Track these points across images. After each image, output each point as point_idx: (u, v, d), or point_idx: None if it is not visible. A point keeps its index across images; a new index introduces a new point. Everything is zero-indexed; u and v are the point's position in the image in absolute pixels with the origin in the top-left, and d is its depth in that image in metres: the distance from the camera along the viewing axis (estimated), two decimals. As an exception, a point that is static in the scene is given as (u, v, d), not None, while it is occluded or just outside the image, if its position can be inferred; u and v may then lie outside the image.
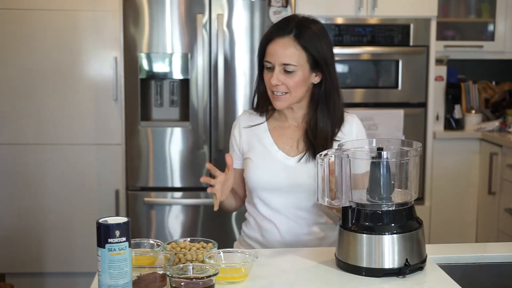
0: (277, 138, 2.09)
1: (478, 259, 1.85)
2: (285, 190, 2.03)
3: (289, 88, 1.98)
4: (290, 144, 2.07)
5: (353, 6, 3.89)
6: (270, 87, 2.01)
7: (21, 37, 3.71)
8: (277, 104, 2.02)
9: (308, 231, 2.06)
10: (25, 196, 3.79)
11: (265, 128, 2.11)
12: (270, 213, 2.07)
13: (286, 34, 1.99)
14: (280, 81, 1.98)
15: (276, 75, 1.98)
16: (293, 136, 2.08)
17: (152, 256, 1.68)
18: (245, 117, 2.15)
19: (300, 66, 1.98)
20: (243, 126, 2.13)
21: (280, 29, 2.01)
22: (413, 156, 1.71)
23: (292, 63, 1.97)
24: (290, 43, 1.98)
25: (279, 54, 1.97)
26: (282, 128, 2.10)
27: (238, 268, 1.62)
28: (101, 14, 3.71)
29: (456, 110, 4.33)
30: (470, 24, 4.61)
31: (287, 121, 2.10)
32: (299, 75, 1.98)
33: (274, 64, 1.98)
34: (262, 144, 2.08)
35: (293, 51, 1.98)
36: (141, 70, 3.65)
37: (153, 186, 3.71)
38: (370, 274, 1.66)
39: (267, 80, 2.01)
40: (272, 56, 1.99)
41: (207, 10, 3.61)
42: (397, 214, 1.68)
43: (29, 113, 3.75)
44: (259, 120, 2.12)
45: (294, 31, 1.99)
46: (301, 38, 1.99)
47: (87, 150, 3.79)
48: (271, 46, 1.99)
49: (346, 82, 4.00)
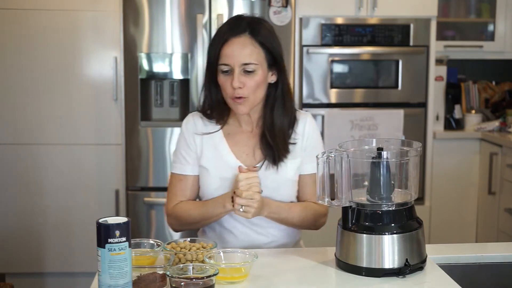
0: (233, 146, 2.00)
1: (478, 259, 1.85)
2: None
3: (247, 92, 1.90)
4: (246, 152, 2.00)
5: (353, 6, 3.89)
6: (231, 93, 1.90)
7: (21, 37, 3.71)
8: (240, 109, 1.92)
9: (268, 239, 2.02)
10: (25, 196, 3.79)
11: (220, 135, 2.01)
12: (230, 223, 2.00)
13: (241, 33, 1.91)
14: (242, 83, 1.89)
15: (237, 78, 1.88)
16: (248, 143, 2.01)
17: (152, 256, 1.68)
18: (198, 122, 2.03)
19: (260, 64, 1.91)
20: (199, 132, 2.02)
21: (233, 29, 1.91)
22: (413, 156, 1.71)
23: (252, 61, 1.89)
24: (247, 41, 1.91)
25: (237, 54, 1.88)
26: (236, 134, 2.01)
27: (238, 268, 1.62)
28: (101, 14, 3.71)
29: (456, 110, 4.33)
30: (470, 24, 4.61)
31: (240, 127, 2.02)
32: (259, 75, 1.91)
33: (233, 66, 1.89)
34: (218, 152, 1.99)
35: (252, 49, 1.90)
36: (141, 70, 3.65)
37: (153, 186, 3.71)
38: (370, 274, 1.66)
39: (227, 85, 1.91)
40: (229, 58, 1.89)
41: (207, 10, 3.61)
42: (397, 214, 1.68)
43: (29, 113, 3.75)
44: (213, 126, 2.01)
45: (248, 29, 1.92)
46: (257, 35, 1.92)
47: (87, 150, 3.79)
48: (227, 48, 1.89)
49: (346, 82, 4.00)
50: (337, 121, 3.89)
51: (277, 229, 2.03)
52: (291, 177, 2.00)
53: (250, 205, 1.82)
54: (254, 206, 1.83)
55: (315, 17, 3.90)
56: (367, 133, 3.90)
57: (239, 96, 1.90)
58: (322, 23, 3.91)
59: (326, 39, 3.92)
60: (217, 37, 1.94)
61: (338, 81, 3.97)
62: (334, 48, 3.93)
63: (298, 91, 3.87)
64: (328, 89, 3.94)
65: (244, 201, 1.81)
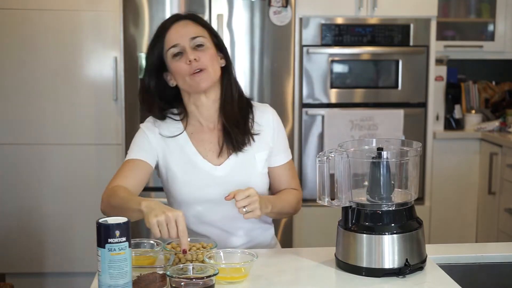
0: (198, 145, 1.98)
1: (478, 259, 1.85)
2: (216, 202, 1.92)
3: (206, 64, 1.89)
4: (211, 149, 1.98)
5: (353, 6, 3.89)
6: (188, 69, 1.88)
7: (22, 37, 3.71)
8: (202, 83, 1.89)
9: (244, 240, 2.00)
10: (25, 196, 3.79)
11: (184, 136, 1.98)
12: (203, 227, 1.97)
13: (181, 19, 1.95)
14: (197, 56, 1.87)
15: (190, 51, 1.88)
16: (213, 140, 1.98)
17: (152, 256, 1.68)
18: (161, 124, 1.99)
19: (207, 39, 1.93)
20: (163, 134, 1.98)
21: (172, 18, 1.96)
22: (413, 156, 1.71)
23: (199, 35, 1.91)
24: (189, 22, 1.94)
25: (184, 32, 1.90)
26: (199, 133, 1.99)
27: (238, 268, 1.62)
28: (101, 14, 3.71)
29: (456, 110, 4.33)
30: (470, 24, 4.61)
31: (201, 125, 1.99)
32: (210, 48, 1.92)
33: (183, 44, 1.89)
34: (186, 154, 1.97)
35: (195, 26, 1.93)
36: (141, 70, 3.65)
37: (153, 186, 3.70)
38: (370, 274, 1.66)
39: (181, 65, 1.89)
40: (177, 38, 1.90)
41: (207, 10, 3.61)
42: (397, 214, 1.68)
43: (29, 113, 3.76)
44: (176, 128, 1.99)
45: (187, 17, 1.96)
46: (198, 19, 1.96)
47: (87, 150, 3.79)
48: (172, 31, 1.91)
49: (346, 82, 4.00)
50: (337, 121, 3.89)
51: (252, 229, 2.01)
52: (260, 170, 1.99)
53: (251, 203, 1.79)
54: (256, 200, 1.78)
55: (315, 17, 3.90)
56: (367, 133, 3.90)
57: (197, 68, 1.89)
58: (322, 23, 3.91)
59: (326, 39, 3.92)
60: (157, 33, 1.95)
61: (338, 81, 3.97)
62: (334, 48, 3.93)
63: (298, 91, 3.87)
64: (328, 89, 3.94)
65: (244, 202, 1.77)
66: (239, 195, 1.76)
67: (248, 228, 2.00)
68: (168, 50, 1.91)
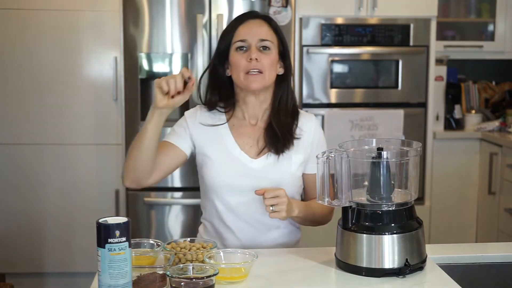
0: (237, 137, 2.03)
1: (478, 259, 1.85)
2: (247, 193, 1.95)
3: (264, 67, 1.95)
4: (249, 143, 2.02)
5: (353, 6, 3.89)
6: (245, 66, 1.95)
7: (21, 37, 3.71)
8: (253, 84, 1.95)
9: (270, 237, 2.02)
10: (25, 196, 3.79)
11: (226, 127, 2.04)
12: (231, 218, 2.00)
13: (258, 17, 2.02)
14: (259, 56, 1.94)
15: (254, 50, 1.95)
16: (252, 135, 2.03)
17: (152, 256, 1.68)
18: (204, 114, 2.06)
19: (274, 45, 1.99)
20: (203, 123, 2.04)
21: (248, 15, 2.03)
22: (413, 156, 1.71)
23: (268, 39, 1.97)
24: (264, 23, 2.01)
25: (255, 31, 1.98)
26: (240, 126, 2.04)
27: (238, 268, 1.62)
28: (101, 14, 3.71)
29: (456, 110, 4.33)
30: (470, 24, 4.61)
31: (245, 120, 2.05)
32: (274, 54, 1.98)
33: (251, 42, 1.96)
34: (224, 144, 2.01)
35: (267, 29, 2.00)
36: (141, 70, 3.65)
37: (153, 186, 3.70)
38: (370, 274, 1.66)
39: (241, 60, 1.96)
40: (247, 34, 1.97)
41: (207, 10, 3.61)
42: (397, 214, 1.68)
43: (29, 113, 3.76)
44: (219, 118, 2.05)
45: (263, 17, 2.03)
46: (272, 23, 2.02)
47: (87, 150, 3.79)
48: (245, 26, 1.99)
49: (346, 82, 4.00)
50: (337, 121, 3.89)
51: (278, 228, 2.03)
52: (294, 171, 2.01)
53: (279, 203, 1.82)
54: (285, 202, 1.83)
55: (315, 17, 3.90)
56: (367, 133, 3.90)
57: (255, 69, 1.94)
58: (322, 23, 3.91)
59: (326, 39, 3.92)
60: (233, 21, 2.02)
61: (338, 81, 3.97)
62: (334, 48, 3.93)
63: (298, 91, 3.87)
64: (328, 89, 3.94)
65: (272, 201, 1.81)
66: (268, 193, 1.82)
67: (275, 226, 2.03)
68: (235, 42, 1.98)
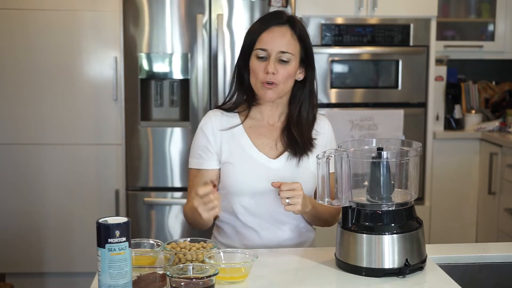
0: (255, 139, 2.02)
1: (478, 259, 1.85)
2: (268, 194, 1.96)
3: (279, 79, 1.95)
4: (269, 144, 2.02)
5: (353, 6, 3.89)
6: (262, 77, 1.94)
7: (21, 37, 3.71)
8: (268, 94, 1.95)
9: (289, 236, 2.03)
10: (25, 196, 3.79)
11: (241, 129, 2.03)
12: (252, 219, 2.01)
13: (283, 23, 1.98)
14: (276, 69, 1.94)
15: (272, 63, 1.93)
16: (271, 136, 2.04)
17: (152, 256, 1.68)
18: (218, 118, 2.05)
19: (294, 56, 1.97)
20: (220, 129, 2.03)
21: (275, 18, 1.99)
22: (413, 156, 1.71)
23: (289, 51, 1.95)
24: (288, 31, 1.97)
25: (277, 42, 1.95)
26: (257, 127, 2.04)
27: (238, 268, 1.62)
28: (101, 14, 3.71)
29: (456, 110, 4.33)
30: (470, 24, 4.61)
31: (262, 120, 2.05)
32: (292, 66, 1.96)
33: (271, 52, 1.94)
34: (241, 146, 2.01)
35: (290, 39, 1.96)
36: (141, 70, 3.65)
37: (153, 186, 3.71)
38: (370, 274, 1.66)
39: (259, 70, 1.95)
40: (268, 44, 1.95)
41: (207, 10, 3.61)
42: (397, 214, 1.68)
43: (29, 113, 3.75)
44: (234, 121, 2.04)
45: (289, 22, 1.99)
46: (297, 29, 1.99)
47: (87, 150, 3.79)
48: (268, 34, 1.96)
49: (346, 82, 4.00)
50: (337, 121, 3.89)
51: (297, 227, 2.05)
52: (312, 169, 2.01)
53: (295, 196, 1.83)
54: (300, 196, 1.84)
55: (315, 17, 3.90)
56: (367, 133, 3.90)
57: (271, 81, 1.94)
58: (322, 23, 3.91)
59: (326, 39, 3.92)
60: (258, 24, 2.00)
61: (338, 81, 3.97)
62: (334, 48, 3.93)
63: (298, 91, 3.87)
64: (328, 89, 3.94)
65: (288, 193, 1.83)
66: (285, 186, 1.83)
67: (294, 225, 2.04)
68: (256, 49, 1.96)
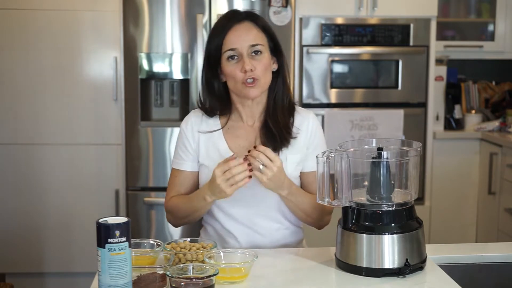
0: (232, 142, 2.00)
1: (478, 259, 1.85)
2: (245, 199, 1.95)
3: (259, 74, 1.91)
4: (246, 146, 1.97)
5: (353, 6, 3.89)
6: (241, 77, 1.90)
7: (21, 37, 3.71)
8: (252, 92, 1.91)
9: (270, 239, 2.01)
10: (25, 196, 3.79)
11: (219, 133, 2.01)
12: (230, 223, 2.00)
13: (243, 20, 1.95)
14: (253, 65, 1.89)
15: (247, 60, 1.89)
16: (248, 137, 2.00)
17: (152, 256, 1.68)
18: (198, 119, 2.03)
19: (265, 47, 1.94)
20: (198, 130, 2.01)
21: (233, 18, 1.95)
22: (413, 156, 1.71)
23: (259, 43, 1.92)
24: (251, 25, 1.94)
25: (244, 37, 1.91)
26: (236, 129, 2.01)
27: (238, 268, 1.62)
28: (101, 14, 3.71)
29: (456, 110, 4.33)
30: (470, 24, 4.61)
31: (241, 121, 2.02)
32: (266, 57, 1.93)
33: (241, 50, 1.90)
34: (217, 149, 1.99)
35: (256, 32, 1.94)
36: (141, 70, 3.65)
37: (153, 186, 3.71)
38: (370, 274, 1.66)
39: (235, 71, 1.90)
40: (236, 42, 1.90)
41: (207, 10, 3.61)
42: (397, 214, 1.68)
43: (29, 113, 3.75)
44: (213, 123, 2.02)
45: (248, 17, 1.96)
46: (258, 21, 1.96)
47: (87, 150, 3.79)
48: (232, 33, 1.91)
49: (346, 82, 4.00)
50: (337, 121, 3.89)
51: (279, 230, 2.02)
52: (290, 171, 1.97)
53: (269, 166, 1.79)
54: (274, 170, 1.79)
55: (315, 17, 3.90)
56: (367, 133, 3.90)
57: (251, 78, 1.90)
58: (322, 23, 3.91)
59: (326, 39, 3.92)
60: (217, 28, 1.95)
61: (338, 81, 3.97)
62: (334, 48, 3.93)
63: (298, 91, 3.87)
64: (328, 89, 3.94)
65: (265, 160, 1.78)
66: (267, 151, 1.80)
67: (273, 228, 2.01)
68: (225, 51, 1.92)
